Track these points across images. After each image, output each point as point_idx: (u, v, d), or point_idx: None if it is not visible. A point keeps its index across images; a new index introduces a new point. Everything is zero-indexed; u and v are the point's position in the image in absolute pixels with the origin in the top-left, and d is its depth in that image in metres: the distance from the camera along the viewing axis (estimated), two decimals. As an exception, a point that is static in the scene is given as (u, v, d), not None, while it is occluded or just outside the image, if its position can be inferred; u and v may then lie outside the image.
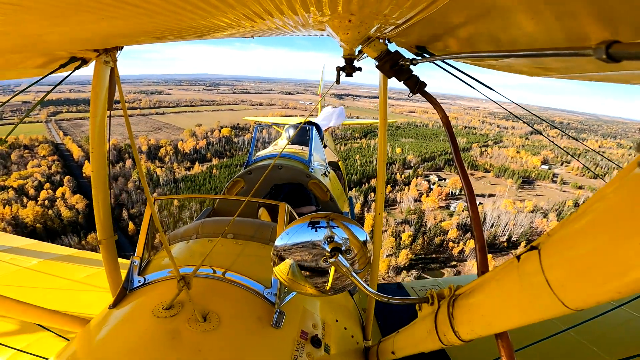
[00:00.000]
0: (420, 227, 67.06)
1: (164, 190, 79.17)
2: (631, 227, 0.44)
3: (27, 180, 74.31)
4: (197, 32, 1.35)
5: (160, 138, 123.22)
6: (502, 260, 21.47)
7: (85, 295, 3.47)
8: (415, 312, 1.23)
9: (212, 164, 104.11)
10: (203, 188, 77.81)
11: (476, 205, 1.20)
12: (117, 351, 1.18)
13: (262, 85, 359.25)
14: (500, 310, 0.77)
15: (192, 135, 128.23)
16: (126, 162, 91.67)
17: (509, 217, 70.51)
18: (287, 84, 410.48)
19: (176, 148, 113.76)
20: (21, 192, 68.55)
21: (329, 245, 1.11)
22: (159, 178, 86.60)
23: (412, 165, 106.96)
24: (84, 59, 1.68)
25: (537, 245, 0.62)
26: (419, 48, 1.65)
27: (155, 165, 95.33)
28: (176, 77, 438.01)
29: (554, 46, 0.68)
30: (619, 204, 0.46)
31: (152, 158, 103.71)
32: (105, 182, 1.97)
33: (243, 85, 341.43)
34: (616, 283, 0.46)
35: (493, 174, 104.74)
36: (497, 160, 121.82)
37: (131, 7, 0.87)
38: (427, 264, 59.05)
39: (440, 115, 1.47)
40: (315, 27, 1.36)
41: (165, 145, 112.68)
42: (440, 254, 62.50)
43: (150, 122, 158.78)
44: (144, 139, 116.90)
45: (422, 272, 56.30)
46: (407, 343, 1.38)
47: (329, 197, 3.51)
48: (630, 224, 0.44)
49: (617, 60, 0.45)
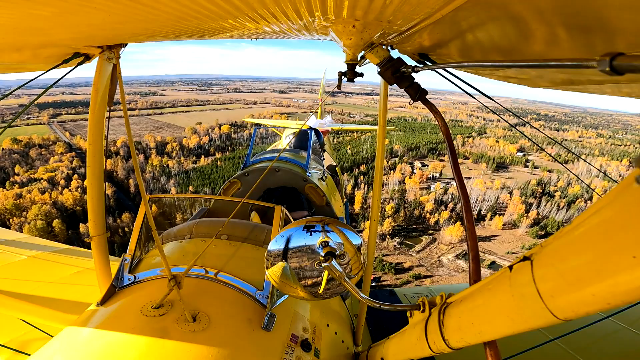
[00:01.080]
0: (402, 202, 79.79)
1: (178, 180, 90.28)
2: (624, 241, 0.45)
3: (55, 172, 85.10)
4: (202, 32, 1.37)
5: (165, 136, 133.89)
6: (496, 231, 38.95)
7: (73, 291, 3.41)
8: (406, 319, 1.24)
9: (215, 157, 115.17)
10: (212, 176, 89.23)
11: (471, 214, 1.22)
12: (102, 349, 1.17)
13: (254, 85, 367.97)
14: (491, 319, 0.77)
15: (194, 133, 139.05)
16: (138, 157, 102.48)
17: (478, 193, 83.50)
18: (279, 83, 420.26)
19: (181, 144, 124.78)
20: (53, 183, 79.41)
21: (323, 249, 1.12)
22: (171, 170, 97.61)
23: (399, 154, 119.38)
24: (87, 55, 1.69)
25: (530, 256, 0.64)
26: (421, 55, 1.68)
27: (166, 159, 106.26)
28: (166, 78, 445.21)
29: (557, 57, 0.67)
30: (613, 218, 0.47)
31: (160, 153, 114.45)
32: (101, 179, 1.98)
33: (236, 85, 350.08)
34: (606, 295, 0.48)
35: (472, 160, 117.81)
36: (477, 149, 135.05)
37: (141, 6, 0.88)
38: (408, 232, 71.61)
39: (440, 123, 1.46)
40: (319, 31, 1.39)
41: (171, 142, 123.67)
42: (419, 224, 75.24)
43: (150, 122, 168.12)
44: (151, 136, 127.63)
45: (404, 239, 68.83)
46: (396, 349, 1.38)
47: (325, 201, 3.58)
48: (623, 237, 0.45)
49: (620, 73, 0.46)
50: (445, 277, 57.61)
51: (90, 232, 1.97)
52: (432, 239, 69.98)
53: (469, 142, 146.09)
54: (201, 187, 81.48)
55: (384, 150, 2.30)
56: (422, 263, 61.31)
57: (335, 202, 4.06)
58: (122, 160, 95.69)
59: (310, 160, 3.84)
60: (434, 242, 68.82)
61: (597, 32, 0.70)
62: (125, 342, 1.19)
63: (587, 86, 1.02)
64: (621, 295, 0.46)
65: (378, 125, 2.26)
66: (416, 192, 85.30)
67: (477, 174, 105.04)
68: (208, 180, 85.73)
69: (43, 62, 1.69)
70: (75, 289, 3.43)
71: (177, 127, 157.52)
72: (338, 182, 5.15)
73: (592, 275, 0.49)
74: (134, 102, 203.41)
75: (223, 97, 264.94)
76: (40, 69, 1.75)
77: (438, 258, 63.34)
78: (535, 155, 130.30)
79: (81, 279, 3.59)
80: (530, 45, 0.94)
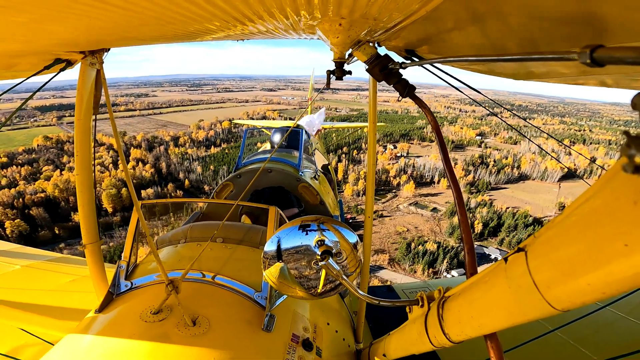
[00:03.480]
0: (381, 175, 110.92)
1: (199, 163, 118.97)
2: (614, 229, 0.46)
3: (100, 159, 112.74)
4: (188, 35, 1.38)
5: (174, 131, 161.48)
6: (426, 189, 78.40)
7: (69, 299, 3.46)
8: (406, 314, 1.27)
9: (222, 147, 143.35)
10: (225, 159, 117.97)
11: (464, 208, 1.23)
12: (104, 356, 1.20)
13: (243, 84, 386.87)
14: (489, 311, 0.80)
15: (199, 129, 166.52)
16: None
17: (433, 164, 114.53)
18: (267, 81, 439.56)
19: (191, 137, 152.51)
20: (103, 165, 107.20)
21: (319, 248, 1.15)
22: (191, 156, 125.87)
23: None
24: (69, 60, 1.68)
25: (524, 247, 0.66)
26: (408, 52, 1.73)
27: (184, 149, 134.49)
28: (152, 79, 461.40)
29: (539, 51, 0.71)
30: (603, 206, 0.49)
31: (176, 145, 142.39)
32: (91, 186, 1.97)
33: (224, 84, 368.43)
34: (600, 284, 0.49)
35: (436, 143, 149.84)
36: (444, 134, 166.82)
37: (123, 11, 0.89)
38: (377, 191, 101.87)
39: (429, 118, 1.51)
40: (306, 30, 1.42)
41: (183, 136, 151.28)
42: (386, 186, 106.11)
43: (153, 121, 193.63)
44: (164, 131, 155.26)
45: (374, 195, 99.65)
46: (398, 345, 1.41)
47: (319, 200, 3.65)
48: (613, 225, 0.46)
49: (600, 65, 0.47)
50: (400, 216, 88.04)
51: (83, 240, 1.97)
52: (394, 195, 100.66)
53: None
54: (219, 166, 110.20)
55: (375, 147, 2.28)
56: (385, 209, 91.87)
57: (329, 200, 4.17)
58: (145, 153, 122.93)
59: (302, 159, 3.89)
60: (396, 196, 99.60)
61: (578, 24, 0.74)
62: (127, 349, 1.21)
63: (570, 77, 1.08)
64: (616, 284, 0.47)
65: (368, 122, 2.28)
66: (385, 164, 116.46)
67: (436, 151, 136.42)
68: (222, 162, 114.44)
69: (23, 70, 1.70)
70: (72, 297, 3.50)
71: (179, 124, 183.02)
72: (331, 180, 5.36)
73: (586, 265, 0.50)
74: (131, 104, 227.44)
75: (215, 96, 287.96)
76: (21, 76, 1.75)
77: (397, 206, 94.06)
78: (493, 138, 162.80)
79: (77, 287, 3.66)
80: (512, 39, 0.99)
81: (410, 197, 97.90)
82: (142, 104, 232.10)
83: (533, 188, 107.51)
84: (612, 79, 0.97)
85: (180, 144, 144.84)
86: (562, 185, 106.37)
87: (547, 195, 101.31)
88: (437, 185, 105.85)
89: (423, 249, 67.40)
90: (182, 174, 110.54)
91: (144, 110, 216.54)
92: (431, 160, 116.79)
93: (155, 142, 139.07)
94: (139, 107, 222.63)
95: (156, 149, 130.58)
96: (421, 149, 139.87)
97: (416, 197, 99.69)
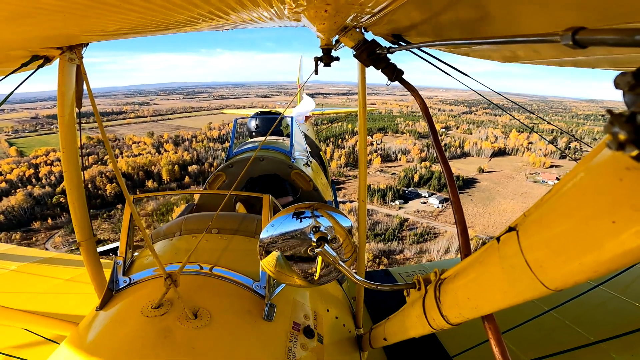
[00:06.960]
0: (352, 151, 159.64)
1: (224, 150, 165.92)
2: (600, 207, 0.48)
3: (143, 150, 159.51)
4: (170, 26, 1.40)
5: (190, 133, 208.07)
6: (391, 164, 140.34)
7: (68, 297, 3.61)
8: (404, 298, 1.33)
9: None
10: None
11: (456, 189, 1.28)
12: (111, 353, 1.26)
13: (236, 91, 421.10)
14: (485, 292, 0.84)
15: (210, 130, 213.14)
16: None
17: (398, 147, 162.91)
18: (260, 88, 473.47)
19: (207, 136, 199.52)
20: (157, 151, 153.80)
21: (314, 235, 1.19)
22: (212, 148, 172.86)
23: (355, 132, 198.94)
24: (47, 57, 1.71)
25: (515, 226, 0.69)
26: (395, 36, 1.78)
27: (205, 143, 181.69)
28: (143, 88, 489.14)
29: (523, 33, 0.75)
30: (589, 184, 0.51)
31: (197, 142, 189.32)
32: (80, 182, 2.00)
33: (218, 92, 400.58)
34: (591, 262, 0.52)
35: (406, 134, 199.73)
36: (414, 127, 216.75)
37: (100, 4, 0.90)
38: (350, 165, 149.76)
39: (418, 101, 1.59)
40: (291, 17, 1.47)
41: (199, 135, 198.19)
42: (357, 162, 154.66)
43: (166, 125, 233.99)
44: (185, 131, 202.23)
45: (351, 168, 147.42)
46: (397, 329, 1.50)
47: (312, 186, 3.80)
48: (599, 203, 0.49)
49: (583, 46, 0.50)
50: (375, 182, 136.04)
51: (77, 238, 2.03)
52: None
53: (410, 124, 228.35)
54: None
55: (365, 132, 2.35)
56: (357, 175, 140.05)
57: (323, 186, 4.31)
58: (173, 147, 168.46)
59: (294, 146, 4.06)
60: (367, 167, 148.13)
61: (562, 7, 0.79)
62: (132, 344, 1.27)
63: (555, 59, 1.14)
64: (606, 262, 0.49)
65: (358, 107, 2.33)
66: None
67: (403, 138, 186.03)
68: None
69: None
70: (70, 296, 3.64)
71: (190, 128, 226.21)
72: (323, 165, 5.62)
73: (576, 243, 0.53)
74: (140, 111, 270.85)
75: (213, 103, 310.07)
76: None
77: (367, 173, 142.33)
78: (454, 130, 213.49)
79: (74, 286, 3.81)
80: (498, 22, 1.05)
81: (377, 168, 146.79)
82: (149, 111, 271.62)
83: (469, 161, 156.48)
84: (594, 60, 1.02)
85: (199, 140, 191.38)
86: (492, 160, 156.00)
87: (476, 165, 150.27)
88: (399, 161, 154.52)
89: (378, 190, 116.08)
90: (210, 158, 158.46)
91: (153, 117, 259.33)
92: (396, 144, 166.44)
93: (178, 141, 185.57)
94: (147, 114, 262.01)
95: (181, 144, 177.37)
96: (394, 139, 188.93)
97: (382, 167, 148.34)
